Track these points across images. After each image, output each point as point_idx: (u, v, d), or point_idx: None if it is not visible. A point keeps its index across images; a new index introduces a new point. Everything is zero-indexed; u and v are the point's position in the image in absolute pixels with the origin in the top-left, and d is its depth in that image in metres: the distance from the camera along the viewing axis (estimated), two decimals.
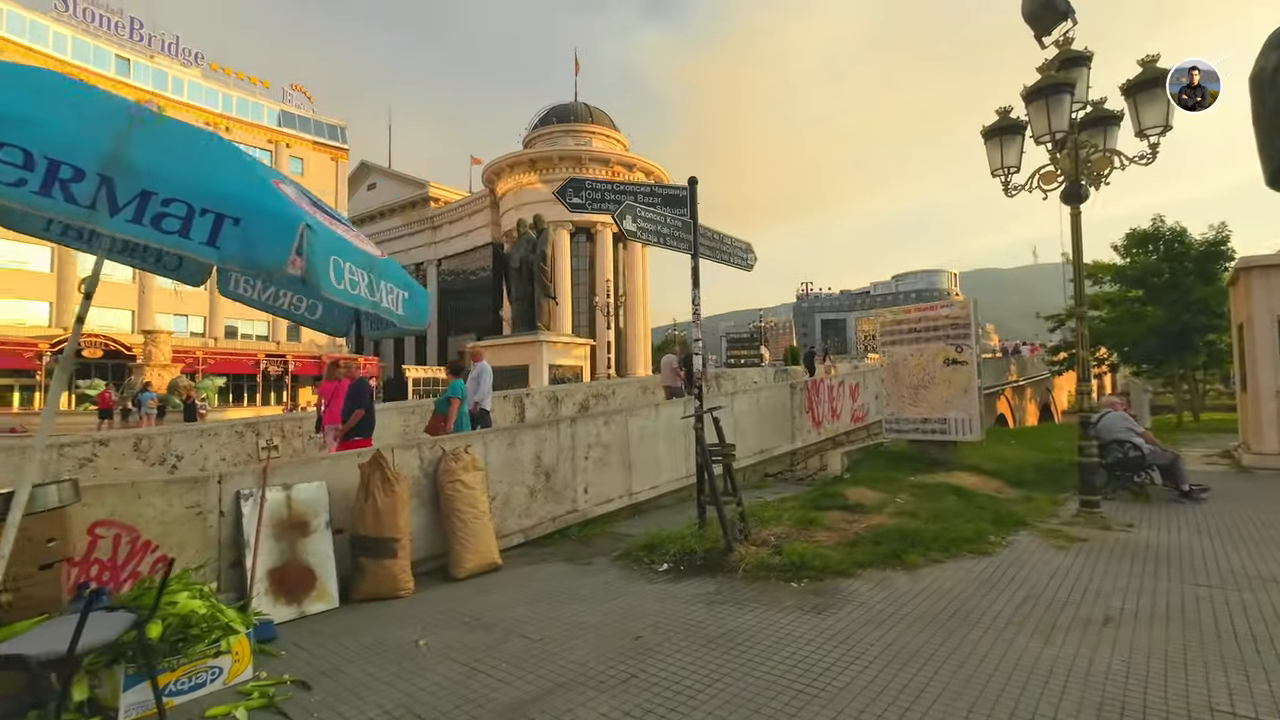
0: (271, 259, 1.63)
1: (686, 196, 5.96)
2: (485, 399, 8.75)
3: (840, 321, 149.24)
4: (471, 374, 8.78)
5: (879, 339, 10.07)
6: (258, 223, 1.62)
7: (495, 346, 24.55)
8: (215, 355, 43.91)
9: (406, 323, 2.29)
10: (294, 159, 51.63)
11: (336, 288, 1.82)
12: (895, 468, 9.08)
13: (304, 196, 2.12)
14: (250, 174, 1.80)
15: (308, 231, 1.68)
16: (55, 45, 40.08)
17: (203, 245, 1.57)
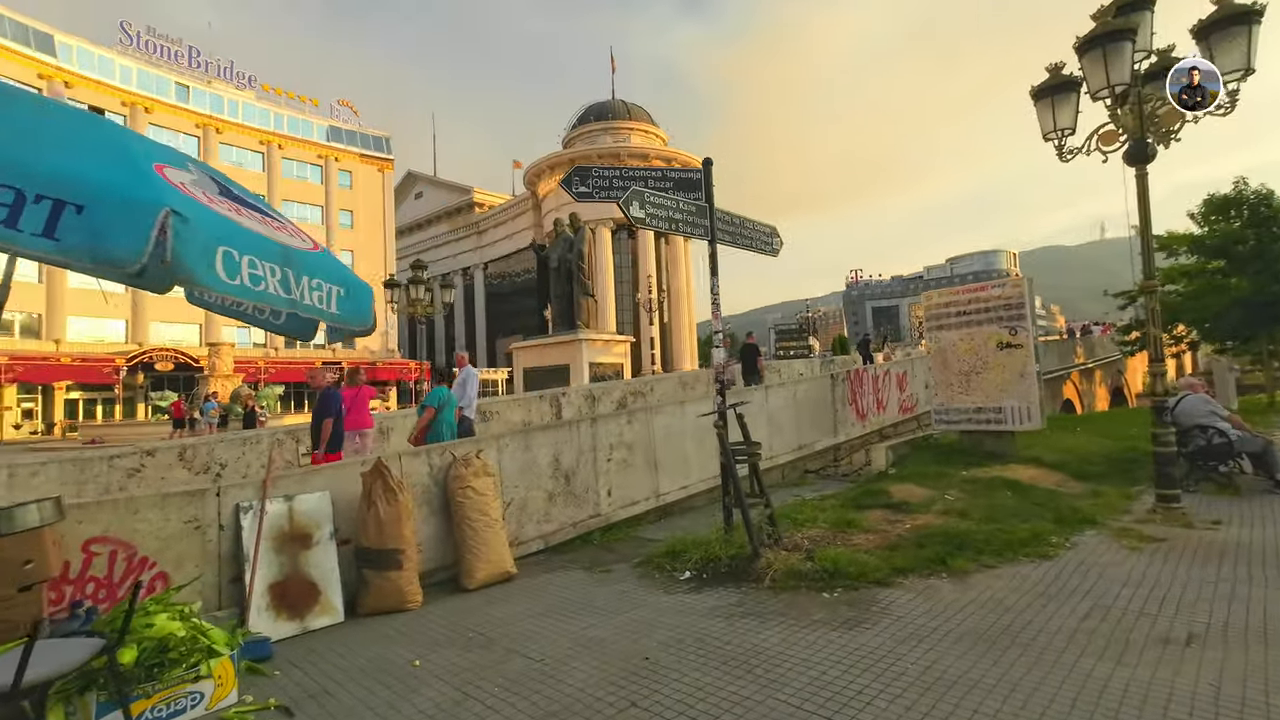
0: (123, 252, 1.39)
1: (701, 179, 5.59)
2: (470, 406, 8.36)
3: (893, 308, 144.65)
4: (457, 380, 8.42)
5: (924, 324, 9.42)
6: (106, 210, 1.39)
7: (536, 347, 24.62)
8: (275, 364, 45.76)
9: (342, 321, 2.05)
10: (343, 172, 53.36)
11: (227, 282, 1.58)
12: (945, 462, 8.46)
13: (210, 182, 1.89)
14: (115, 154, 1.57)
15: (173, 219, 1.43)
16: (122, 77, 42.42)
17: (36, 238, 1.36)
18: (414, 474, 5.04)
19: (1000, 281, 8.84)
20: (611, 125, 60.00)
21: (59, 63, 39.14)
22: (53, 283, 38.15)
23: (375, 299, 2.40)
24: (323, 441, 6.53)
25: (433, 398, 7.34)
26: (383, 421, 11.74)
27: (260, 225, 1.86)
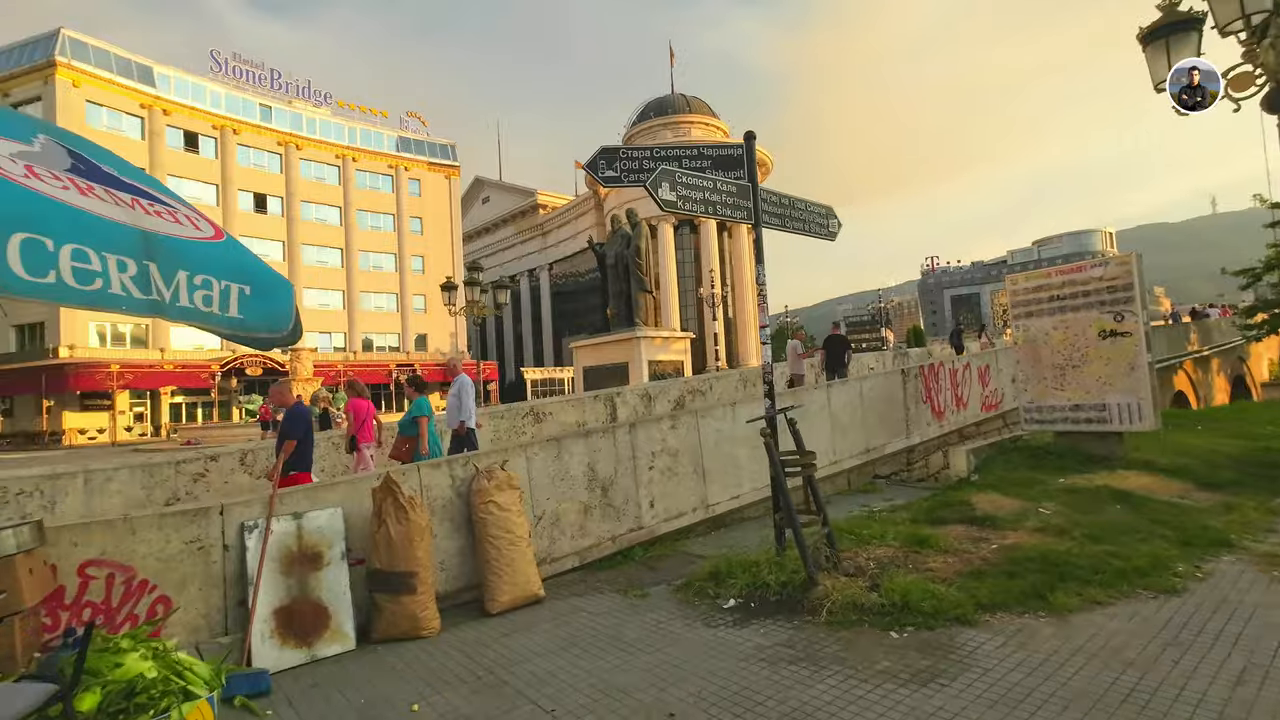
0: None
1: (743, 155, 4.98)
2: (470, 417, 7.68)
3: (973, 296, 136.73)
4: (451, 390, 7.76)
5: (1010, 311, 8.39)
6: None
7: (594, 345, 24.39)
8: (353, 367, 47.87)
9: (244, 327, 1.65)
10: (412, 180, 55.22)
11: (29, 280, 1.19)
12: (1038, 467, 7.46)
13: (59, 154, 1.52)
14: None
15: None
16: (212, 102, 45.39)
17: None
18: (435, 487, 4.70)
19: (1101, 260, 7.72)
20: (671, 120, 59.38)
21: (158, 92, 42.24)
22: None
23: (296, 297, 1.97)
24: (278, 461, 5.72)
25: (420, 408, 6.71)
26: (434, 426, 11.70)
27: (117, 208, 1.47)
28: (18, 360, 37.21)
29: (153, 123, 42.00)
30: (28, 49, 39.38)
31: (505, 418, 12.62)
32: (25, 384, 36.18)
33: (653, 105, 61.21)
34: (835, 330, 16.43)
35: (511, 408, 13.05)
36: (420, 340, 53.96)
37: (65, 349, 36.69)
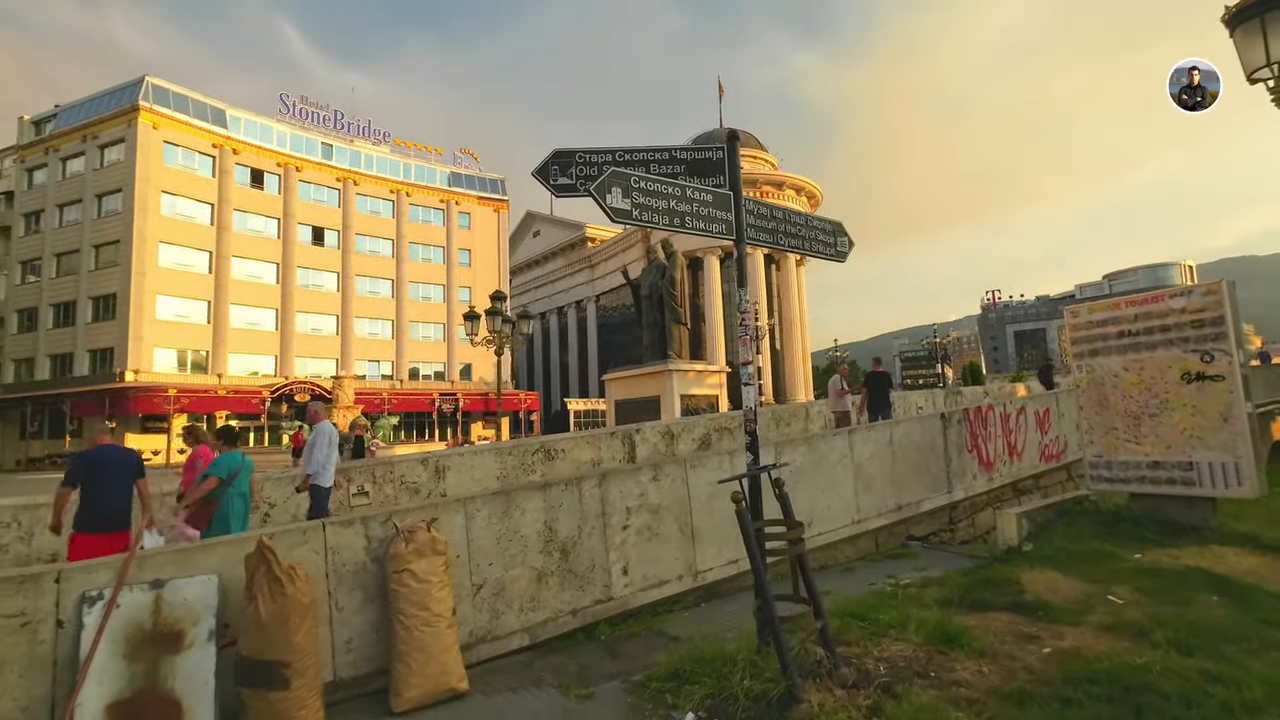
0: None
1: (723, 159, 4.17)
2: (323, 472, 6.76)
3: (1038, 332, 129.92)
4: (307, 440, 6.89)
5: (1072, 347, 7.18)
6: None
7: (626, 378, 23.65)
8: (398, 395, 48.63)
9: None
10: (462, 214, 56.62)
11: None
12: (1108, 537, 6.16)
13: None
14: None
15: None
16: (278, 142, 47.87)
17: None
18: (345, 549, 3.95)
19: (1183, 289, 6.47)
20: None
21: (229, 133, 44.81)
22: (218, 324, 43.12)
23: None
24: (56, 515, 4.82)
25: (217, 466, 5.41)
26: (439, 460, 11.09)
27: None
28: (88, 383, 39.24)
29: (223, 161, 44.46)
30: (116, 95, 42.54)
31: (513, 454, 11.91)
32: (93, 406, 38.01)
33: (700, 139, 61.39)
34: (877, 367, 15.15)
35: (520, 443, 12.35)
36: (465, 370, 54.52)
37: (131, 373, 38.50)
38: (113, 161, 41.80)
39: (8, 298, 44.79)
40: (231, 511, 5.28)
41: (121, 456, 5.23)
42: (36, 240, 44.06)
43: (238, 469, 5.43)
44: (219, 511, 5.22)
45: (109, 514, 4.82)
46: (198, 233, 42.91)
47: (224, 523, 5.18)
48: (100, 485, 4.86)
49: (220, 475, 5.25)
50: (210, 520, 5.19)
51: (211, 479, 5.23)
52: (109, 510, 4.84)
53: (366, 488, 10.48)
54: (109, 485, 4.90)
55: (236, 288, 44.18)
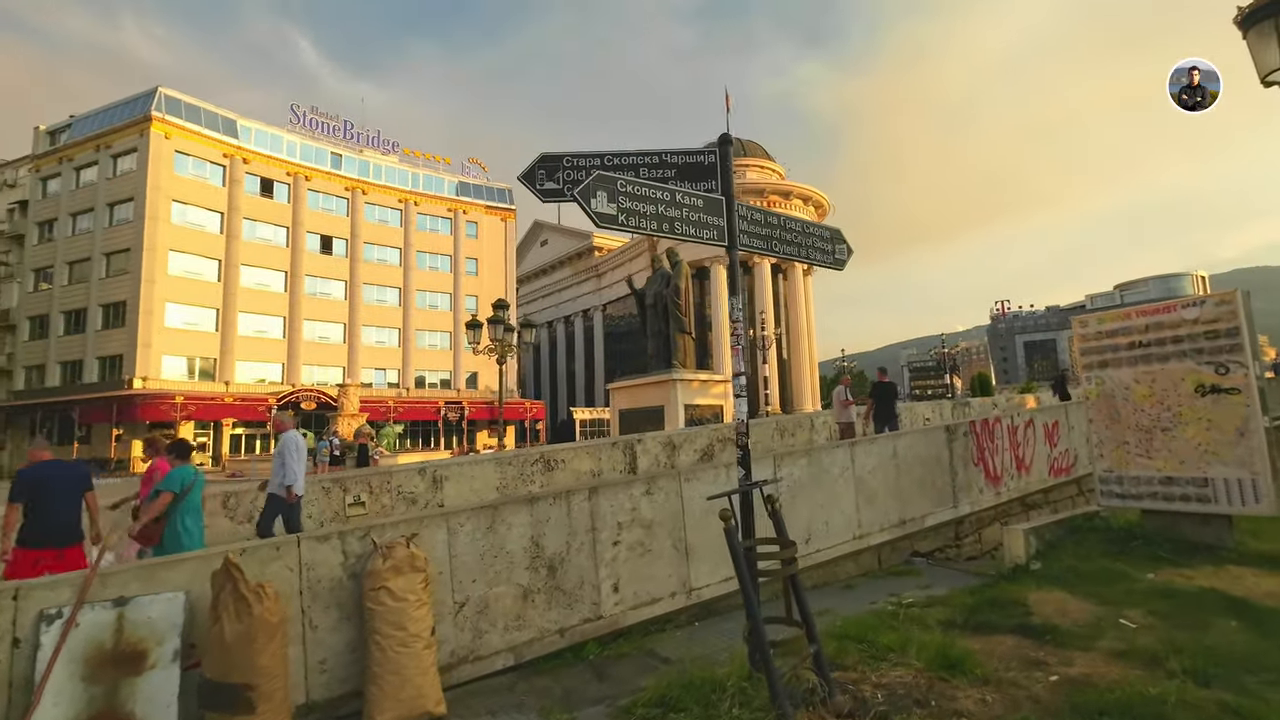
0: None
1: (715, 163, 4.05)
2: (296, 480, 6.63)
3: (1048, 343, 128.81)
4: (275, 450, 6.61)
5: (1079, 358, 6.98)
6: None
7: (629, 387, 23.48)
8: (404, 404, 48.68)
9: None
10: (469, 223, 56.86)
11: None
12: (1120, 555, 5.93)
13: None
14: None
15: None
16: (288, 152, 48.31)
17: None
18: (320, 565, 3.82)
19: (1196, 299, 6.27)
20: None
21: (239, 143, 45.27)
22: (226, 331, 43.36)
23: None
24: (6, 535, 4.62)
25: (170, 481, 5.15)
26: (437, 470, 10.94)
27: None
28: (97, 390, 39.49)
29: (233, 170, 44.88)
30: (129, 106, 43.08)
31: (513, 465, 11.75)
32: (101, 413, 38.25)
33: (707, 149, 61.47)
34: (882, 377, 14.88)
35: (520, 454, 12.20)
36: (472, 379, 54.57)
37: (139, 380, 38.72)
38: (125, 171, 42.28)
39: (20, 305, 45.27)
40: (183, 527, 5.05)
41: (68, 471, 5.13)
42: (49, 248, 44.56)
43: (191, 483, 5.19)
44: (169, 528, 5.00)
45: (54, 529, 4.70)
46: (207, 241, 43.26)
47: (175, 539, 4.98)
48: (47, 501, 4.74)
49: (174, 490, 5.04)
50: (161, 537, 4.99)
51: (165, 495, 5.01)
52: (54, 525, 4.71)
53: (363, 498, 10.34)
54: (55, 500, 4.78)
55: (245, 295, 44.47)
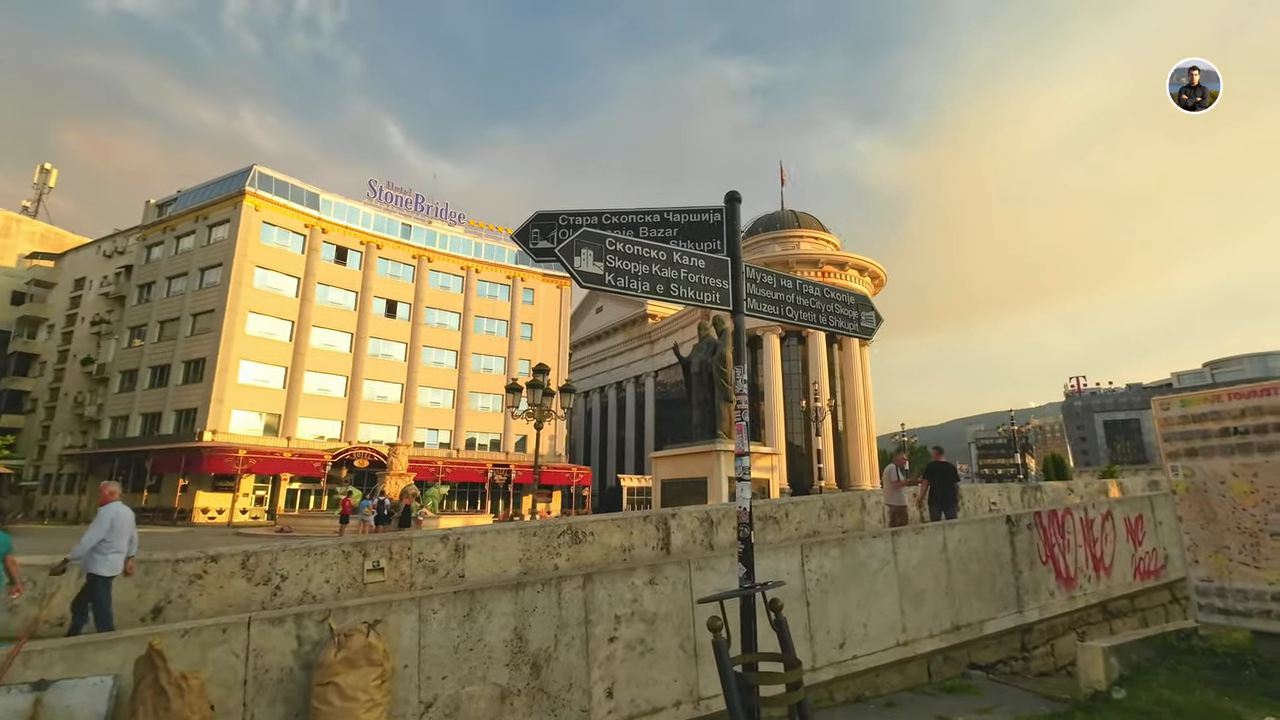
0: None
1: (722, 221, 3.73)
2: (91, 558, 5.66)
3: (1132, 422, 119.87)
4: (95, 520, 5.96)
5: (1164, 445, 6.10)
6: None
7: (672, 457, 22.79)
8: (453, 464, 49.13)
9: None
10: (526, 290, 58.70)
11: None
12: (1227, 688, 4.89)
13: None
14: None
15: None
16: (363, 223, 51.63)
17: None
18: (270, 651, 3.45)
19: None
20: (780, 235, 59.85)
21: (320, 214, 48.74)
22: (293, 389, 45.34)
23: None
24: None
25: None
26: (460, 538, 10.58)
27: None
28: (170, 442, 41.59)
29: (312, 239, 48.15)
30: (227, 182, 47.35)
31: (538, 535, 11.25)
32: (171, 464, 40.11)
33: (762, 221, 62.16)
34: (938, 456, 13.77)
35: (546, 524, 11.70)
36: (521, 442, 54.79)
37: (209, 433, 40.59)
38: (218, 239, 45.99)
39: (115, 360, 48.88)
40: None
41: None
42: (146, 308, 48.36)
43: None
44: None
45: None
46: (283, 304, 46.04)
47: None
48: None
49: None
50: None
51: None
52: None
53: (382, 564, 10.02)
54: None
55: (313, 355, 46.67)
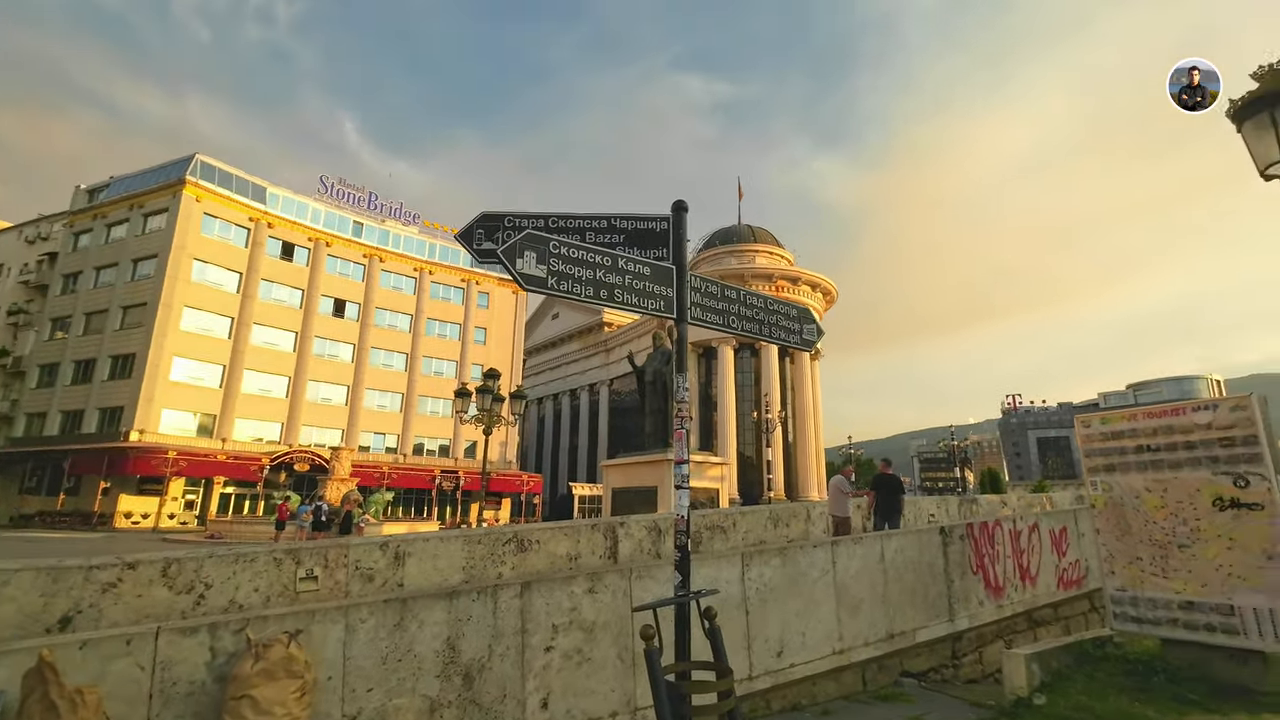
0: None
1: (668, 229, 3.75)
2: None
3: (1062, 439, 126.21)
4: None
5: (1084, 460, 6.42)
6: None
7: (623, 465, 22.75)
8: (399, 470, 47.82)
9: None
10: (481, 294, 57.89)
11: None
12: (1139, 693, 5.15)
13: None
14: None
15: None
16: (312, 218, 49.99)
17: None
18: (181, 663, 3.26)
19: (1207, 402, 5.78)
20: (736, 248, 60.77)
21: (266, 208, 46.98)
22: (230, 388, 43.37)
23: None
24: None
25: None
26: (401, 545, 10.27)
27: None
28: (92, 441, 39.13)
29: (257, 234, 46.33)
30: (166, 170, 45.16)
31: (483, 543, 10.97)
32: (92, 465, 37.71)
33: (719, 234, 63.01)
34: (885, 468, 14.12)
35: (491, 532, 11.46)
36: (471, 448, 53.76)
37: (135, 433, 38.38)
38: (154, 229, 43.73)
39: (33, 352, 45.77)
40: None
41: None
42: (70, 299, 45.52)
43: None
44: None
45: None
46: (223, 299, 44.07)
47: None
48: None
49: None
50: None
51: None
52: None
53: (316, 572, 9.62)
54: None
55: (254, 354, 44.78)
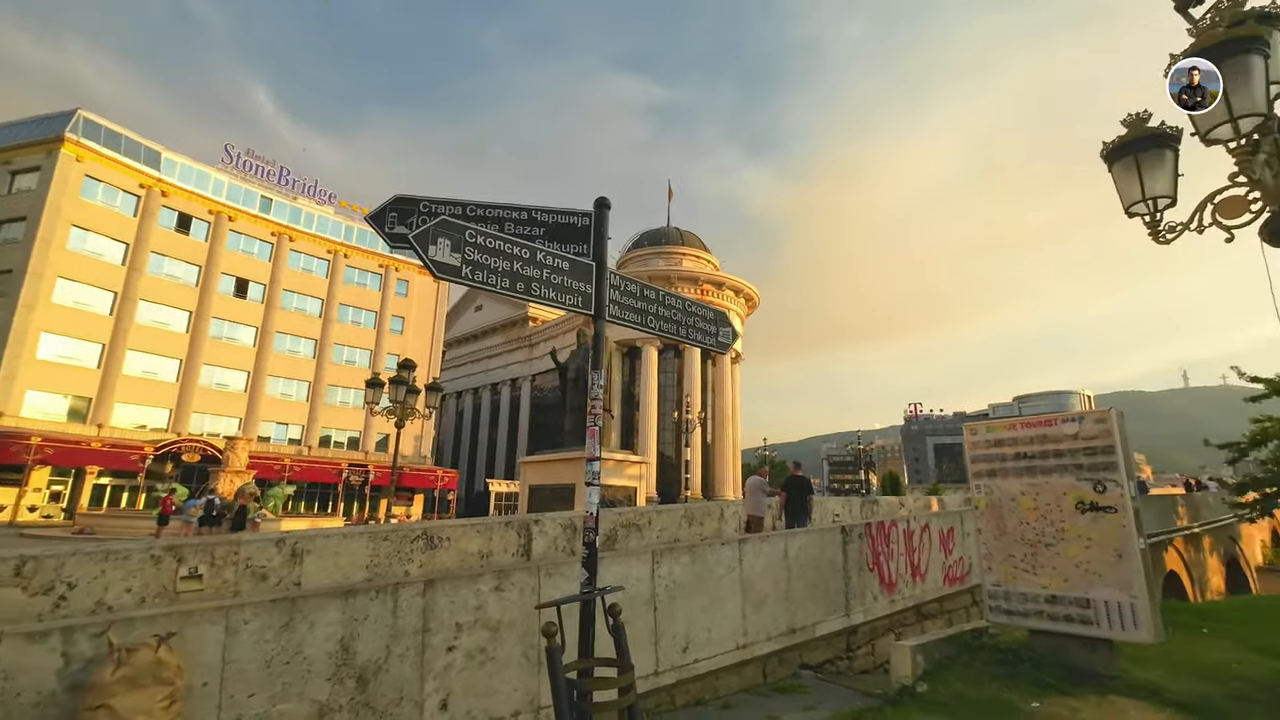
0: None
1: (589, 225, 3.73)
2: None
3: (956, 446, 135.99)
4: None
5: (970, 465, 6.93)
6: None
7: (541, 463, 22.51)
8: (303, 463, 45.18)
9: None
10: (400, 280, 55.59)
11: None
12: (1007, 679, 5.62)
13: None
14: None
15: None
16: (214, 190, 46.35)
17: None
18: (26, 671, 2.94)
19: (1075, 415, 6.38)
20: (664, 250, 61.40)
21: (160, 175, 43.12)
22: (110, 369, 39.52)
23: None
24: None
25: None
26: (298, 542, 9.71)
27: None
28: None
29: (149, 202, 42.47)
30: (41, 123, 40.54)
31: (389, 540, 10.54)
32: None
33: (647, 235, 63.45)
34: (796, 470, 14.70)
35: (399, 528, 11.02)
36: (382, 442, 51.55)
37: None
38: (23, 189, 39.13)
39: None
40: None
41: None
42: None
43: None
44: None
45: None
46: (105, 271, 40.08)
47: None
48: None
49: None
50: None
51: None
52: None
53: (201, 570, 8.96)
54: None
55: (139, 333, 40.99)
